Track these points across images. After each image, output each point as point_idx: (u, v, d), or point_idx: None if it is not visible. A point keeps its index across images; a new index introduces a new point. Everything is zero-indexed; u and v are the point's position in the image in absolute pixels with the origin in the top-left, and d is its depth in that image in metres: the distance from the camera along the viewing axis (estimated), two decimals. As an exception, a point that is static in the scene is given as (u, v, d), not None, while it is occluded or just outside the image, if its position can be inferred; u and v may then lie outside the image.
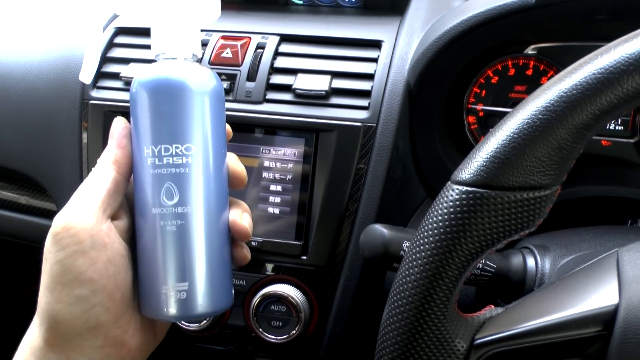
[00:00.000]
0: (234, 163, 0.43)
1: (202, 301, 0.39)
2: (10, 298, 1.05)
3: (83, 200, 0.37)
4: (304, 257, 0.60)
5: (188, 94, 0.39)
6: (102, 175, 0.39)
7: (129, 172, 0.40)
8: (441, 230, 0.33)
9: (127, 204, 0.41)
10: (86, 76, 0.43)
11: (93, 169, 0.39)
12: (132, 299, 0.40)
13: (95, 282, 0.37)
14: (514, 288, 0.47)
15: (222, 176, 0.41)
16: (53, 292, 0.37)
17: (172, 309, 0.39)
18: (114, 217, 0.39)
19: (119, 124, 0.41)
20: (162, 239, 0.38)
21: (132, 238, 0.40)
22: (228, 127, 0.43)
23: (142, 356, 0.41)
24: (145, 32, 0.68)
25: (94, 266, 0.36)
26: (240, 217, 0.41)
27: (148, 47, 0.65)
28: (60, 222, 0.37)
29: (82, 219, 0.36)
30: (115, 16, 0.72)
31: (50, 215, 0.74)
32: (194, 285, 0.39)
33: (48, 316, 0.37)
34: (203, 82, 0.39)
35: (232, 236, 0.42)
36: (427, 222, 0.34)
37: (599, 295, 0.34)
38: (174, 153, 0.38)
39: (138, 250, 0.40)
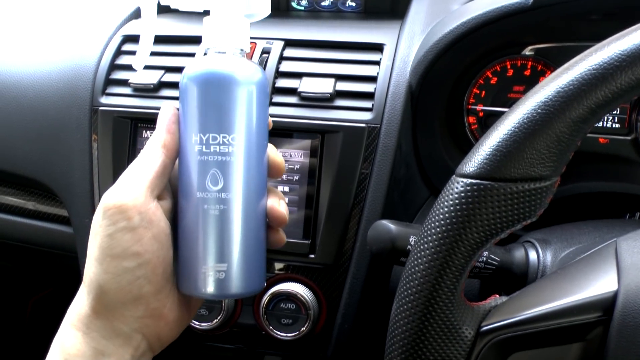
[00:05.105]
0: (274, 153, 0.44)
1: (237, 282, 0.41)
2: (16, 306, 1.05)
3: (133, 180, 0.39)
4: (312, 256, 0.61)
5: (236, 86, 0.40)
6: (151, 158, 0.40)
7: (176, 156, 0.41)
8: (447, 220, 0.34)
9: (170, 186, 0.43)
10: (139, 63, 0.45)
11: (142, 150, 0.41)
12: (172, 274, 0.41)
13: (141, 256, 0.38)
14: (517, 280, 0.47)
15: (262, 165, 0.42)
16: (102, 263, 0.38)
17: (210, 288, 0.40)
18: (159, 198, 0.41)
19: (168, 110, 0.42)
20: (205, 222, 0.40)
21: (174, 218, 0.42)
22: (269, 118, 0.44)
23: (177, 330, 0.43)
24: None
25: (140, 241, 0.38)
26: (278, 204, 0.43)
27: (156, 54, 0.68)
28: (112, 199, 0.38)
29: (132, 197, 0.38)
30: (124, 22, 0.73)
31: (57, 220, 0.75)
32: (232, 267, 0.40)
33: (96, 286, 0.39)
34: (250, 75, 0.40)
35: (269, 222, 0.43)
36: (433, 213, 0.35)
37: (599, 283, 0.34)
38: (221, 142, 0.40)
39: (180, 230, 0.41)
